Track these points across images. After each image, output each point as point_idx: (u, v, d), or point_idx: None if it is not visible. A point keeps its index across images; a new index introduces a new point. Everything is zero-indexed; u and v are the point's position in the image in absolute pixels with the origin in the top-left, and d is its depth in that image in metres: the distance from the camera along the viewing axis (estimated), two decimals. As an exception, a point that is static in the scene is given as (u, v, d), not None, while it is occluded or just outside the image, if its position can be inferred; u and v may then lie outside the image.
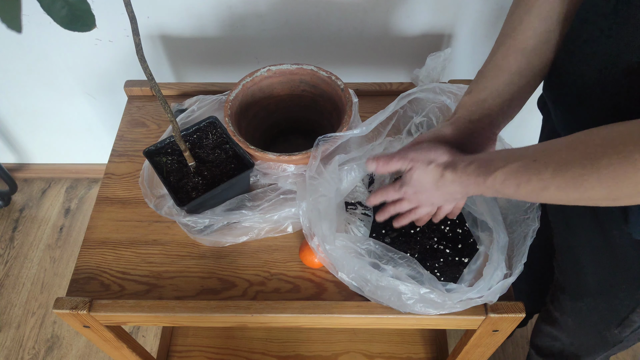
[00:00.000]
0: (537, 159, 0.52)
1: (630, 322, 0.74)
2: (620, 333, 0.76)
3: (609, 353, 0.83)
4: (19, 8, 0.40)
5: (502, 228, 0.73)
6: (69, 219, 1.71)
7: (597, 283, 0.75)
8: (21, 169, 1.79)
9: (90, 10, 0.48)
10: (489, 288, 0.70)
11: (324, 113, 0.93)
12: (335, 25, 1.20)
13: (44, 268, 1.60)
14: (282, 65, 0.90)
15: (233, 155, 0.85)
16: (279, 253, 0.83)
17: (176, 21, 1.21)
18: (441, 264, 0.80)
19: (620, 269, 0.70)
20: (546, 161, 0.51)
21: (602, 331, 0.79)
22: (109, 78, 1.39)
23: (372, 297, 0.74)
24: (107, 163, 0.95)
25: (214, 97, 0.96)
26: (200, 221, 0.81)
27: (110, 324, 0.81)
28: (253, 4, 1.16)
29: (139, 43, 0.61)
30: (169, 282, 0.80)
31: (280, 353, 1.27)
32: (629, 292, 0.70)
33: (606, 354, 0.84)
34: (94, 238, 0.86)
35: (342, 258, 0.72)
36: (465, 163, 0.59)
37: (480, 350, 0.87)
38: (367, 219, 0.84)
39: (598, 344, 0.83)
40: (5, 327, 1.49)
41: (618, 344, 0.80)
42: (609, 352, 0.83)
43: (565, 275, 0.80)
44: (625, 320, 0.74)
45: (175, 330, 1.31)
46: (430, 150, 0.64)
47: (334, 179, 0.77)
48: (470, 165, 0.58)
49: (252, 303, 0.76)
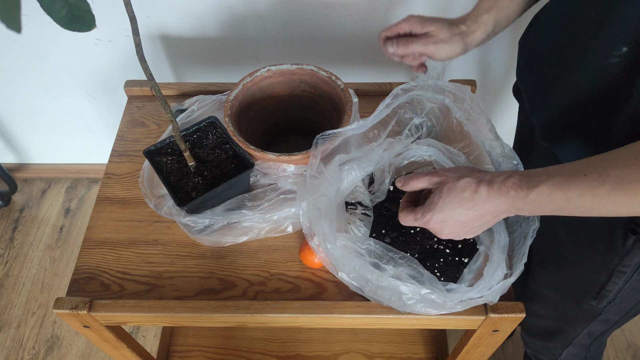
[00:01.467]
0: (588, 173, 0.51)
1: (606, 292, 0.74)
2: (597, 304, 0.77)
3: (592, 328, 0.84)
4: (18, 8, 0.40)
5: (503, 228, 0.73)
6: (69, 219, 1.71)
7: (572, 254, 0.75)
8: (21, 169, 1.79)
9: (90, 10, 0.48)
10: (490, 288, 0.70)
11: (324, 113, 0.93)
12: (335, 26, 1.20)
13: (44, 268, 1.60)
14: (282, 65, 0.90)
15: (233, 155, 0.85)
16: (279, 253, 0.83)
17: (176, 21, 1.21)
18: (441, 264, 0.80)
19: (592, 240, 0.70)
20: (601, 176, 0.50)
21: (580, 303, 0.79)
22: (109, 78, 1.39)
23: (373, 297, 0.74)
24: (107, 163, 0.95)
25: (214, 97, 0.96)
26: (200, 221, 0.81)
27: (110, 324, 0.81)
28: (253, 5, 1.16)
29: (139, 43, 0.61)
30: (169, 282, 0.80)
31: (280, 353, 1.27)
32: (602, 262, 0.71)
33: (589, 329, 0.84)
34: (94, 238, 0.86)
35: (343, 258, 0.72)
36: (502, 177, 0.58)
37: (480, 350, 0.88)
38: (367, 219, 0.84)
39: (579, 316, 0.83)
40: (5, 327, 1.49)
41: (597, 317, 0.80)
42: (591, 326, 0.83)
43: (542, 246, 0.81)
44: (602, 290, 0.74)
45: (175, 330, 1.31)
46: (460, 169, 0.63)
47: (334, 178, 0.77)
48: (510, 179, 0.57)
49: (252, 303, 0.76)
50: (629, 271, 0.69)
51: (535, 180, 0.54)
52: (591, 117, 0.62)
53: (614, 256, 0.68)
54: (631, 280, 0.70)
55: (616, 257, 0.68)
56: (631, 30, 0.53)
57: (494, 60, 1.29)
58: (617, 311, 0.78)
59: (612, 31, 0.55)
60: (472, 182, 0.60)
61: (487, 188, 0.59)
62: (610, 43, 0.56)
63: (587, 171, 0.51)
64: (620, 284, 0.72)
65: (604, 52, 0.57)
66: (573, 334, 0.88)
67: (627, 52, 0.54)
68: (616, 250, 0.68)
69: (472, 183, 0.60)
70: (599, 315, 0.80)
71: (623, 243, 0.66)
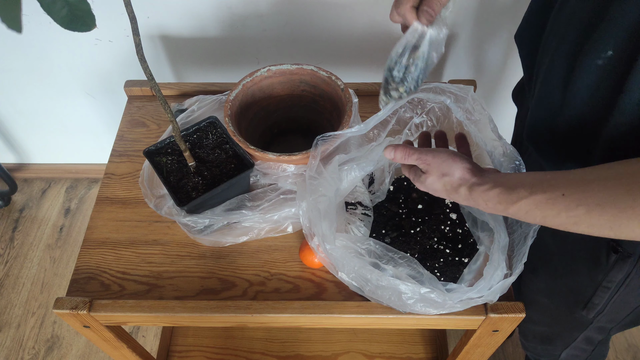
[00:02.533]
0: (566, 193, 0.51)
1: (593, 305, 0.74)
2: (587, 314, 0.77)
3: (588, 334, 0.84)
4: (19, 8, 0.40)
5: (503, 228, 0.73)
6: (69, 219, 1.71)
7: (562, 265, 0.76)
8: (21, 169, 1.79)
9: (90, 10, 0.48)
10: (489, 288, 0.70)
11: (324, 113, 0.93)
12: (336, 26, 1.20)
13: (44, 268, 1.60)
14: (282, 65, 0.90)
15: (233, 155, 0.85)
16: (279, 253, 0.83)
17: (176, 21, 1.21)
18: (441, 264, 0.80)
19: (579, 253, 0.71)
20: (577, 198, 0.50)
21: (572, 312, 0.80)
22: (109, 78, 1.39)
23: (372, 297, 0.74)
24: (107, 163, 0.95)
25: (214, 97, 0.96)
26: (200, 221, 0.81)
27: (110, 324, 0.81)
28: (253, 5, 1.16)
29: (139, 43, 0.61)
30: (169, 282, 0.80)
31: (280, 353, 1.27)
32: (588, 276, 0.71)
33: (586, 335, 0.84)
34: (94, 238, 0.86)
35: (342, 258, 0.72)
36: (485, 187, 0.58)
37: (480, 350, 0.88)
38: (367, 219, 0.84)
39: (572, 324, 0.83)
40: (5, 327, 1.49)
41: (590, 325, 0.80)
42: (587, 332, 0.83)
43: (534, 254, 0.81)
44: (589, 303, 0.74)
45: (175, 330, 1.31)
46: (446, 162, 0.63)
47: (334, 178, 0.77)
48: (491, 191, 0.57)
49: (252, 303, 0.76)
50: (614, 287, 0.69)
51: (515, 196, 0.55)
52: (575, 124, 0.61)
53: (600, 271, 0.69)
54: (617, 294, 0.70)
55: (601, 273, 0.69)
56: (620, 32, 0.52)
57: (491, 60, 1.29)
58: (609, 320, 0.78)
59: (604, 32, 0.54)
60: (451, 184, 0.62)
61: (467, 192, 0.60)
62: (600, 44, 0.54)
63: (565, 190, 0.51)
64: (606, 298, 0.72)
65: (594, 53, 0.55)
66: (570, 339, 0.88)
67: (611, 56, 0.53)
68: (601, 265, 0.68)
69: (452, 184, 0.62)
70: (591, 324, 0.80)
71: (606, 260, 0.66)
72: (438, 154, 0.64)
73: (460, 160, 0.62)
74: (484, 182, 0.59)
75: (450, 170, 0.62)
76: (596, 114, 0.57)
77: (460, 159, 0.63)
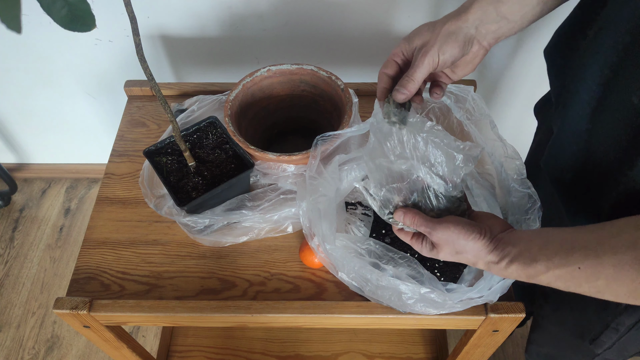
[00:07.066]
0: (582, 267, 0.50)
1: (601, 343, 0.74)
2: (594, 349, 0.77)
3: None
4: (19, 8, 0.40)
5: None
6: (69, 219, 1.71)
7: (571, 299, 0.76)
8: (21, 169, 1.79)
9: (90, 10, 0.48)
10: (489, 288, 0.70)
11: (324, 113, 0.93)
12: (335, 25, 1.20)
13: (44, 268, 1.60)
14: (282, 65, 0.90)
15: (233, 155, 0.85)
16: (279, 253, 0.83)
17: (176, 21, 1.21)
18: (441, 264, 0.80)
19: None
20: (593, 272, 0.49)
21: (580, 344, 0.80)
22: (109, 78, 1.39)
23: (373, 297, 0.74)
24: (107, 163, 0.95)
25: (214, 97, 0.96)
26: (200, 221, 0.81)
27: (110, 324, 0.81)
28: (253, 4, 1.16)
29: (139, 43, 0.61)
30: (169, 282, 0.80)
31: (280, 353, 1.27)
32: (597, 313, 0.71)
33: None
34: (94, 238, 0.86)
35: (342, 258, 0.72)
36: (502, 265, 0.57)
37: (480, 350, 0.87)
38: (367, 219, 0.84)
39: (579, 354, 0.84)
40: (5, 327, 1.49)
41: (597, 356, 0.80)
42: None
43: None
44: (597, 339, 0.74)
45: (175, 330, 1.31)
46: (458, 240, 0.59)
47: (334, 178, 0.77)
48: (509, 268, 0.56)
49: (252, 303, 0.76)
50: (623, 329, 0.69)
51: (533, 271, 0.54)
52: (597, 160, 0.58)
53: (609, 313, 0.69)
54: (627, 335, 0.70)
55: (610, 315, 0.69)
56: None
57: (492, 61, 1.29)
58: (618, 354, 0.78)
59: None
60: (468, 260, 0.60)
61: (486, 267, 0.59)
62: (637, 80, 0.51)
63: (581, 263, 0.50)
64: (614, 339, 0.72)
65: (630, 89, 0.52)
66: None
67: None
68: (610, 308, 0.68)
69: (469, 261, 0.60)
70: (597, 356, 0.80)
71: (617, 305, 0.66)
72: (448, 228, 0.60)
73: (472, 236, 0.58)
74: (500, 259, 0.57)
75: (464, 248, 0.60)
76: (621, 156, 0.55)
77: (471, 233, 0.59)
